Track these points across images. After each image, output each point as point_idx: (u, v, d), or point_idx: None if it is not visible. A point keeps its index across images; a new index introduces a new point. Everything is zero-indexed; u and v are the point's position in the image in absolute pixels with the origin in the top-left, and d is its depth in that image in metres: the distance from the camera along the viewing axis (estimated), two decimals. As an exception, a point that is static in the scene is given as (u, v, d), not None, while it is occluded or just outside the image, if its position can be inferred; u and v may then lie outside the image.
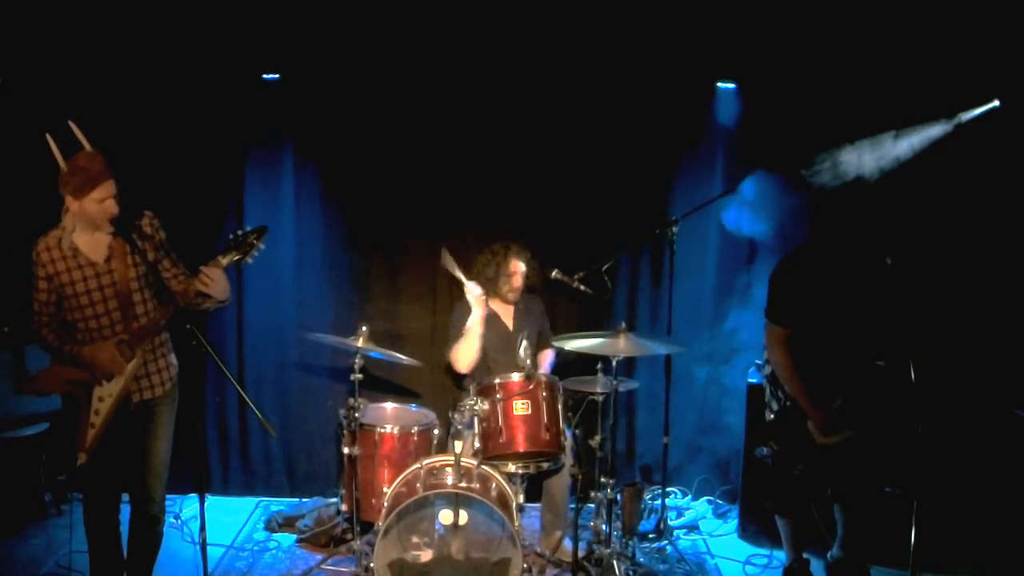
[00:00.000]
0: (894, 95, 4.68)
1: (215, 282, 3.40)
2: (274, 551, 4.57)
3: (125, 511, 3.65)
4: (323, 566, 4.31)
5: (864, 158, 4.65)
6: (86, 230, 3.39)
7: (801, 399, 3.81)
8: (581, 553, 4.15)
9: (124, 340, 3.39)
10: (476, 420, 3.99)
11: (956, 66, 4.56)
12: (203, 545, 3.40)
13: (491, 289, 4.55)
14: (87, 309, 3.40)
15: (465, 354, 4.42)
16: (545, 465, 4.08)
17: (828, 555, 4.10)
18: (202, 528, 3.36)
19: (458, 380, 4.71)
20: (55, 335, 3.42)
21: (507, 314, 4.67)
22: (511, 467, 3.98)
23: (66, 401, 3.48)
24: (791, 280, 3.84)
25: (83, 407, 3.39)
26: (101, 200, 3.31)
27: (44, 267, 3.37)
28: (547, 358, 4.70)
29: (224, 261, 3.44)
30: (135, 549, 3.67)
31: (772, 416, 4.01)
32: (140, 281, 3.47)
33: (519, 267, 4.56)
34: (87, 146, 3.35)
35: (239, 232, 3.49)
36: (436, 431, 4.43)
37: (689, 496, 5.26)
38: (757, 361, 4.53)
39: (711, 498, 5.23)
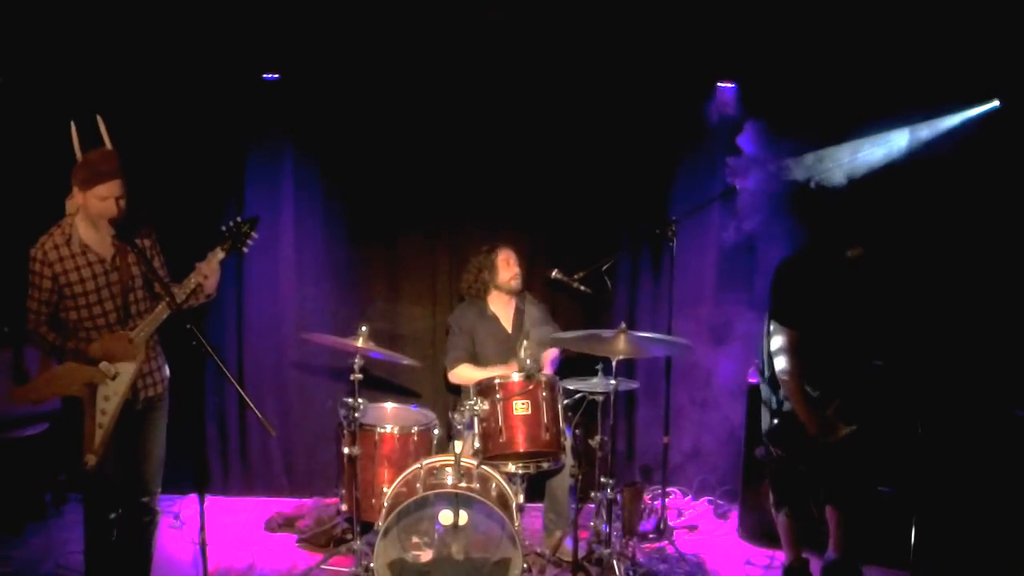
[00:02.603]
0: (893, 94, 4.68)
1: (212, 275, 3.47)
2: (274, 551, 4.57)
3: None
4: (323, 566, 4.30)
5: (861, 157, 4.65)
6: (91, 225, 3.40)
7: (799, 406, 3.81)
8: (581, 553, 4.15)
9: (128, 338, 3.40)
10: (476, 420, 3.99)
11: (956, 66, 4.56)
12: (203, 545, 3.40)
13: (491, 283, 4.62)
14: (95, 307, 3.41)
15: (470, 381, 4.48)
16: (545, 465, 4.09)
17: (824, 556, 4.10)
18: (202, 528, 3.36)
19: (456, 384, 4.72)
20: (55, 334, 3.41)
21: (506, 317, 4.67)
22: (511, 467, 3.99)
23: (66, 401, 3.48)
24: (795, 281, 3.84)
25: (87, 408, 3.37)
26: (104, 198, 3.32)
27: (51, 266, 3.35)
28: (550, 356, 4.70)
29: (221, 253, 3.49)
30: (134, 546, 3.66)
31: (774, 419, 4.01)
32: (140, 279, 3.50)
33: (509, 254, 4.64)
34: (107, 142, 3.37)
35: (231, 223, 3.52)
36: (436, 431, 4.43)
37: (689, 496, 5.27)
38: (757, 361, 4.53)
39: (711, 498, 5.23)
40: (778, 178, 4.87)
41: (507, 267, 4.62)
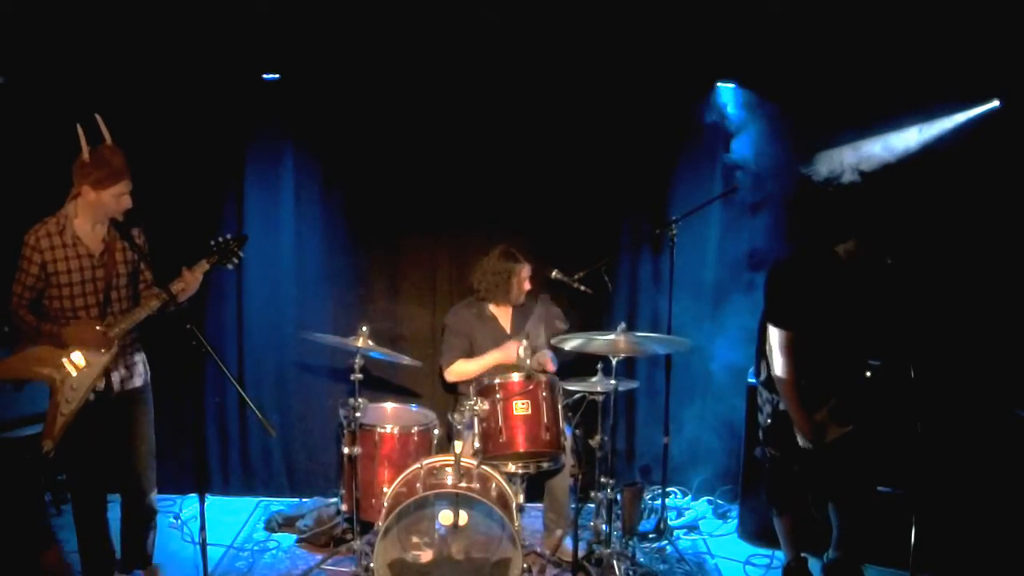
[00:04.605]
0: (893, 94, 4.68)
1: (191, 285, 3.54)
2: (274, 551, 4.57)
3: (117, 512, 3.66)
4: (323, 566, 4.30)
5: (862, 156, 4.65)
6: (88, 220, 3.44)
7: (793, 407, 3.81)
8: (581, 553, 4.15)
9: (103, 330, 3.42)
10: (476, 420, 3.99)
11: (957, 65, 4.56)
12: (203, 545, 3.41)
13: (501, 296, 4.59)
14: (78, 299, 3.47)
15: (467, 375, 4.49)
16: (545, 465, 4.08)
17: (824, 556, 4.10)
18: (202, 528, 3.37)
19: (452, 384, 4.72)
20: (33, 316, 3.47)
21: (505, 317, 4.67)
22: (511, 467, 3.98)
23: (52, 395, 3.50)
24: (790, 281, 3.84)
25: (53, 394, 3.42)
26: (119, 195, 3.42)
27: (41, 253, 3.42)
28: (548, 354, 4.69)
29: (206, 266, 3.57)
30: (134, 543, 3.67)
31: (768, 420, 4.01)
32: (124, 277, 3.56)
33: (528, 271, 4.62)
34: (109, 139, 3.41)
35: (220, 239, 3.62)
36: (436, 431, 4.44)
37: (689, 496, 5.27)
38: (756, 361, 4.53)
39: (711, 498, 5.23)
40: (776, 177, 4.88)
41: (521, 286, 4.60)
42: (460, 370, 4.56)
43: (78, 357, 3.43)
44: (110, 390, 3.52)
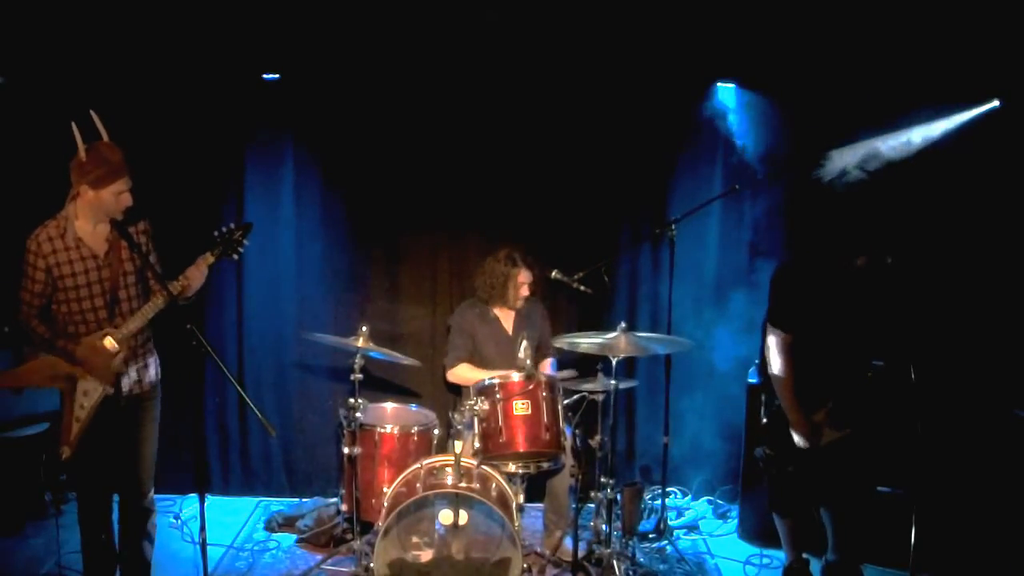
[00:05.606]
0: (893, 94, 4.68)
1: (197, 279, 3.48)
2: (274, 551, 4.58)
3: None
4: (323, 566, 4.30)
5: (863, 156, 4.65)
6: (90, 221, 3.41)
7: (789, 409, 3.81)
8: (581, 553, 4.15)
9: (112, 333, 3.41)
10: (476, 420, 3.99)
11: (956, 65, 4.56)
12: (203, 545, 3.40)
13: (498, 298, 4.59)
14: (85, 301, 3.43)
15: (467, 382, 4.48)
16: (545, 465, 4.08)
17: (823, 558, 4.10)
18: (202, 528, 3.37)
19: (455, 384, 4.72)
20: (46, 327, 3.44)
21: (507, 319, 4.68)
22: (511, 467, 3.98)
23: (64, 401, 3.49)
24: (793, 284, 3.84)
25: (66, 401, 3.40)
26: (119, 193, 3.38)
27: (44, 258, 3.37)
28: (547, 366, 4.69)
29: (211, 258, 3.51)
30: (131, 545, 3.67)
31: (764, 419, 4.01)
32: (132, 276, 3.52)
33: (527, 277, 4.61)
34: (105, 136, 3.39)
35: (224, 229, 3.54)
36: (436, 431, 4.44)
37: (689, 496, 5.27)
38: (757, 361, 4.53)
39: (711, 498, 5.23)
40: (776, 178, 4.88)
41: (519, 289, 4.60)
42: (462, 375, 4.57)
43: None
44: (119, 393, 3.50)
